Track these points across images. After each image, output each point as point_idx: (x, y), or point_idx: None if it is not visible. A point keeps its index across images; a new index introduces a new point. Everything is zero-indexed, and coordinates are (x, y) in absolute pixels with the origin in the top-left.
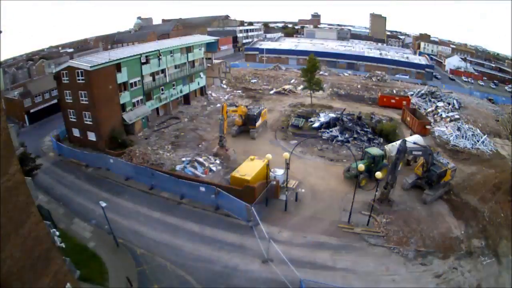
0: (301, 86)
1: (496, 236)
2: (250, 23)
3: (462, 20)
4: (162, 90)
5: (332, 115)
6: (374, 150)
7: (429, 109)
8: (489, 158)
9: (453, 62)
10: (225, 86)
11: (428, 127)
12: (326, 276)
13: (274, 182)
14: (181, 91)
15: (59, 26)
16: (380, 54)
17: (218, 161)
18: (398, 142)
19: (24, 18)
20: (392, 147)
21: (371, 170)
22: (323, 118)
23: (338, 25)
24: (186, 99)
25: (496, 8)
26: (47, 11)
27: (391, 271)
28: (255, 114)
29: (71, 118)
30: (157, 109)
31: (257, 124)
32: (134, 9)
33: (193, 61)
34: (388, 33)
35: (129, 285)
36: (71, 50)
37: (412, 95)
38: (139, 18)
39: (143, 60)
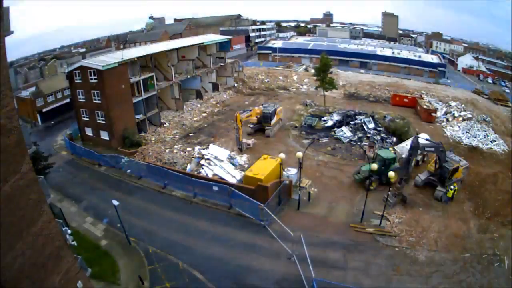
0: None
1: (507, 236)
2: (263, 23)
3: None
4: None
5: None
6: (386, 153)
7: (444, 110)
8: (501, 159)
9: (466, 61)
10: (236, 85)
11: (433, 114)
12: (337, 276)
13: (287, 182)
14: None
15: (71, 25)
16: (393, 52)
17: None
18: (409, 142)
19: (36, 18)
20: (403, 149)
21: (382, 173)
22: (336, 117)
23: (351, 24)
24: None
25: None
26: (58, 10)
27: (402, 271)
28: (270, 112)
29: (84, 117)
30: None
31: (272, 122)
32: (146, 9)
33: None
34: (401, 31)
35: (141, 283)
36: (83, 50)
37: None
38: (151, 17)
39: None
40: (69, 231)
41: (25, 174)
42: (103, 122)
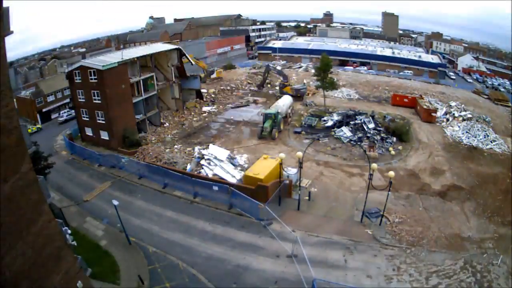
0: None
1: (507, 236)
2: (263, 22)
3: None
4: None
5: (345, 114)
6: (271, 110)
7: (444, 110)
8: (502, 159)
9: (466, 61)
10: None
11: (433, 114)
12: (337, 276)
13: (287, 181)
14: None
15: (71, 25)
16: (393, 52)
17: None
18: (279, 103)
19: (36, 18)
20: (278, 106)
21: (276, 124)
22: (336, 117)
23: (351, 23)
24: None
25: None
26: (59, 10)
27: (402, 271)
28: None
29: (84, 117)
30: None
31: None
32: (146, 9)
33: None
34: (401, 31)
35: (141, 283)
36: (83, 49)
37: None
38: (151, 17)
39: None
40: (69, 231)
41: (25, 174)
42: (103, 122)
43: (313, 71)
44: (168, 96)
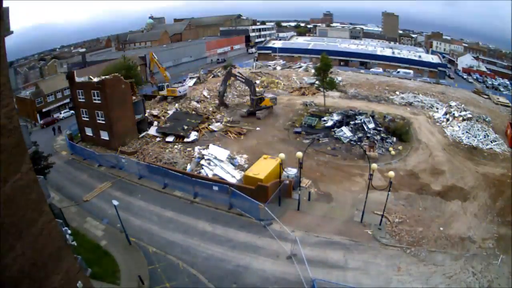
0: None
1: (507, 236)
2: (263, 22)
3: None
4: None
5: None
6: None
7: (444, 110)
8: (502, 158)
9: (466, 61)
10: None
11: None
12: (337, 276)
13: (287, 181)
14: None
15: (71, 25)
16: (393, 52)
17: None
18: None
19: (35, 18)
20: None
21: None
22: (336, 117)
23: (351, 23)
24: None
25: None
26: (58, 10)
27: (402, 271)
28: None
29: (84, 117)
30: None
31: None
32: (146, 9)
33: None
34: (401, 31)
35: (141, 283)
36: (83, 49)
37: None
38: (151, 17)
39: None
40: (69, 231)
41: (25, 174)
42: (103, 122)
43: (313, 71)
44: None
